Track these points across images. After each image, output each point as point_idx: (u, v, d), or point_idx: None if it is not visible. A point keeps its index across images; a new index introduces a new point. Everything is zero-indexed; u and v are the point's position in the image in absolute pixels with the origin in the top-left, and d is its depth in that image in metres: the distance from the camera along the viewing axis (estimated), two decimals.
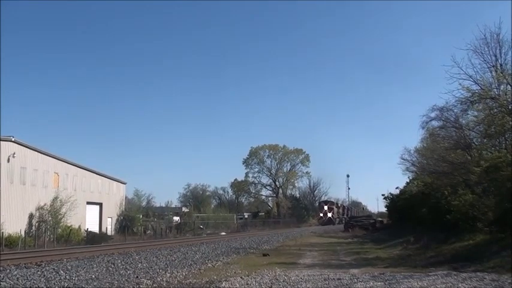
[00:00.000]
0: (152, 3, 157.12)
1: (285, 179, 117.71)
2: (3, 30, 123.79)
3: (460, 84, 25.76)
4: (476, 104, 26.15)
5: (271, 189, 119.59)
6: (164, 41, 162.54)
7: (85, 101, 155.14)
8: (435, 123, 32.66)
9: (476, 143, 29.33)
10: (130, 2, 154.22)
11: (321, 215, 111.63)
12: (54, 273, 17.45)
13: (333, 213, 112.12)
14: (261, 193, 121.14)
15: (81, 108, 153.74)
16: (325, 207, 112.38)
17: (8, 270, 17.80)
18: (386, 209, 70.63)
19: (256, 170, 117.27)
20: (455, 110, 28.78)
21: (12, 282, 15.06)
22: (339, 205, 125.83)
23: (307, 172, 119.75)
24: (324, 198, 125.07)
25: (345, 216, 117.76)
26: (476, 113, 27.47)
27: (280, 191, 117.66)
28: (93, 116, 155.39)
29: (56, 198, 46.16)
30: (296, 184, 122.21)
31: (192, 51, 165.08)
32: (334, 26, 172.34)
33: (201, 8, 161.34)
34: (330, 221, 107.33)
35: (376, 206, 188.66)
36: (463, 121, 29.26)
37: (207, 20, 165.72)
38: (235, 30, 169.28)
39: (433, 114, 31.49)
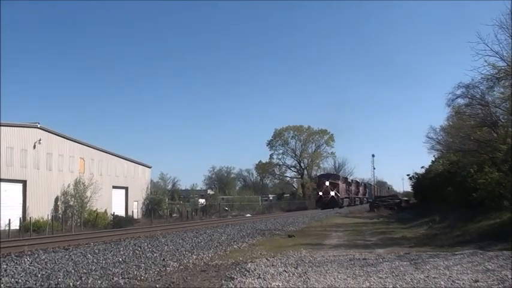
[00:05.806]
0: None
1: (309, 160, 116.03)
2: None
3: (485, 61, 25.00)
4: (503, 81, 25.69)
5: (295, 170, 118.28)
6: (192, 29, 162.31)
7: (111, 86, 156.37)
8: (461, 101, 31.96)
9: (502, 121, 28.73)
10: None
11: (320, 193, 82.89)
12: (82, 256, 17.74)
13: (337, 191, 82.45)
14: (285, 174, 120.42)
15: (107, 94, 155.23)
16: (327, 183, 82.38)
17: (36, 255, 18.16)
18: (411, 188, 70.25)
19: (281, 151, 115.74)
20: (481, 87, 28.15)
21: (40, 266, 15.30)
22: (350, 181, 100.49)
23: (332, 152, 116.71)
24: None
25: (361, 196, 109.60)
26: (502, 90, 26.95)
27: (305, 172, 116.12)
28: (119, 101, 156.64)
29: (78, 181, 46.62)
30: (321, 165, 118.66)
31: (220, 39, 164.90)
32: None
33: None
34: (333, 202, 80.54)
35: (402, 185, 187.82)
36: (489, 98, 28.64)
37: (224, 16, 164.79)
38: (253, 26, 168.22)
39: (458, 92, 30.80)
